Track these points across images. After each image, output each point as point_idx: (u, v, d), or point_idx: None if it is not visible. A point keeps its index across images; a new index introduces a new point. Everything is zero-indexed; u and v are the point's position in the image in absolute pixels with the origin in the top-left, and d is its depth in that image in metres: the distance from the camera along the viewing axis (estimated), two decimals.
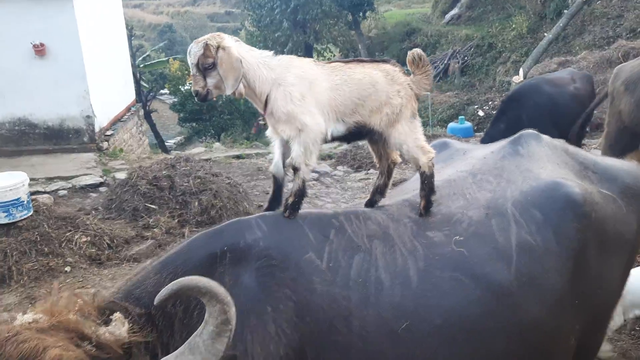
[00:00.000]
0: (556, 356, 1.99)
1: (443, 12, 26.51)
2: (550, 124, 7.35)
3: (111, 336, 1.48)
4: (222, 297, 1.39)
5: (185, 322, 1.65)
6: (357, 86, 1.87)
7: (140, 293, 1.68)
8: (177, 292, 1.38)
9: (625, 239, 2.19)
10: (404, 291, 1.76)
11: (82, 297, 1.59)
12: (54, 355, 1.26)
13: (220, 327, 1.38)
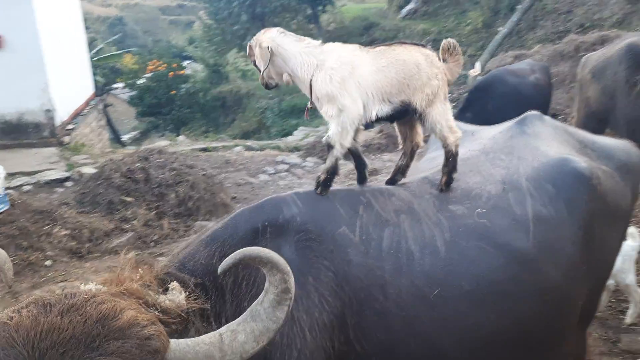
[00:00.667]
0: (569, 317, 2.17)
1: (399, 7, 26.90)
2: (514, 112, 7.66)
3: (171, 303, 1.55)
4: (282, 266, 1.44)
5: (235, 292, 1.74)
6: (402, 67, 1.98)
7: (193, 265, 1.75)
8: (240, 260, 1.44)
9: (623, 211, 2.39)
10: (434, 260, 1.88)
11: (143, 268, 1.64)
12: (130, 316, 1.30)
13: (280, 295, 1.44)
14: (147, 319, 1.34)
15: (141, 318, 1.33)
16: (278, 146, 13.93)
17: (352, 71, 1.97)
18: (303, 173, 10.40)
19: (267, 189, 9.21)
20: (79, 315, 1.26)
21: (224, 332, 1.40)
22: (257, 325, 1.42)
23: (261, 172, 10.41)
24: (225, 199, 7.54)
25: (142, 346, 1.27)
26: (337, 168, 2.04)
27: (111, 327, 1.26)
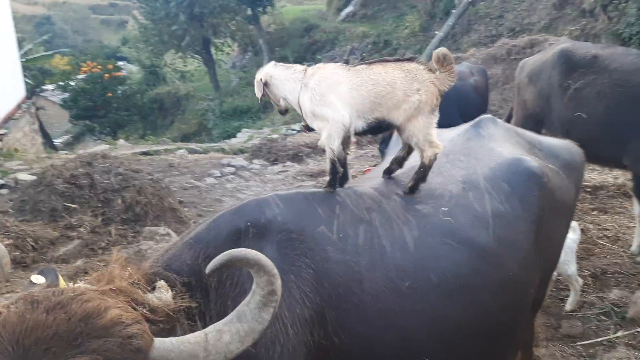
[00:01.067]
0: (525, 306, 2.34)
1: (338, 9, 27.27)
2: (457, 114, 8.04)
3: (159, 301, 1.57)
4: (269, 268, 1.48)
5: (219, 291, 1.78)
6: (375, 86, 2.08)
7: (179, 265, 1.78)
8: (227, 262, 1.48)
9: (568, 206, 2.61)
10: (404, 255, 1.99)
11: (131, 266, 1.67)
12: (114, 315, 1.32)
13: (267, 297, 1.47)
14: (132, 318, 1.36)
15: (126, 316, 1.34)
16: (222, 149, 13.81)
17: (331, 87, 2.10)
18: (250, 175, 10.37)
19: (214, 192, 9.13)
20: (64, 312, 1.28)
21: (210, 331, 1.42)
22: (242, 326, 1.45)
23: (207, 175, 10.29)
24: (173, 204, 7.41)
25: (125, 344, 1.29)
26: (336, 168, 2.17)
27: (94, 325, 1.28)
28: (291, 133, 15.44)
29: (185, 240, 1.89)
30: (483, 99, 8.45)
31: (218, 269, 1.50)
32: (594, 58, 4.77)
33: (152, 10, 23.40)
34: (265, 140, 13.34)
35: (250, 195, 8.94)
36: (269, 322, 1.47)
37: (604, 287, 4.44)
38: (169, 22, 23.14)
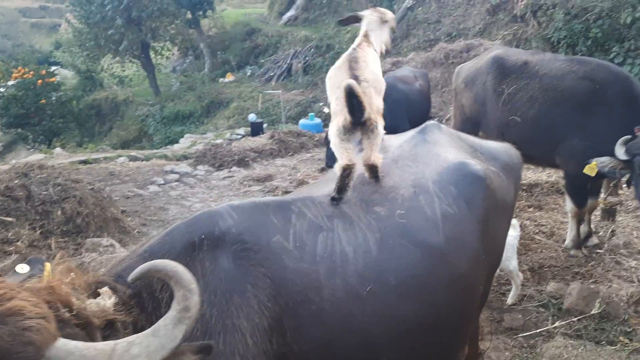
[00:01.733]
0: (474, 302, 2.46)
1: (280, 13, 27.28)
2: (405, 117, 8.27)
3: (96, 307, 1.54)
4: (185, 283, 1.45)
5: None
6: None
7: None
8: (147, 272, 1.50)
9: (508, 205, 2.75)
10: (367, 260, 2.04)
11: (75, 271, 1.64)
12: (14, 305, 1.31)
13: (181, 313, 1.44)
14: (37, 313, 1.34)
15: (29, 310, 1.32)
16: (165, 155, 13.51)
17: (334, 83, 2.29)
18: (195, 182, 10.22)
19: (158, 201, 8.95)
20: None
21: (121, 342, 1.40)
22: (153, 341, 1.41)
23: (150, 183, 10.06)
24: (116, 214, 7.22)
25: (16, 335, 1.28)
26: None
27: None
28: (236, 138, 15.32)
29: (139, 253, 1.87)
30: (427, 102, 8.74)
31: (138, 279, 1.53)
32: (524, 64, 5.04)
33: (87, 14, 22.55)
34: (209, 146, 13.18)
35: (195, 202, 8.83)
36: (181, 340, 1.43)
37: (542, 280, 4.70)
38: (105, 26, 22.38)
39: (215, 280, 1.82)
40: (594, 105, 4.56)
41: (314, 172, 10.18)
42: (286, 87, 20.41)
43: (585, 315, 4.01)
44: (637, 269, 4.68)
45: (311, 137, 12.86)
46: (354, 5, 22.40)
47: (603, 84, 4.57)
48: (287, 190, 9.01)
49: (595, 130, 4.51)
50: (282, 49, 23.35)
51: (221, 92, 21.70)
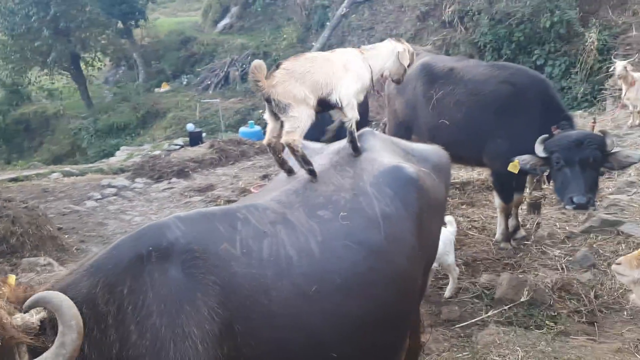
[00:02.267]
0: (413, 295, 2.64)
1: (214, 21, 27.13)
2: None
3: (22, 321, 1.56)
4: (66, 318, 1.51)
5: (120, 318, 1.80)
6: None
7: (74, 293, 1.76)
8: (35, 303, 1.58)
9: (440, 203, 2.96)
10: (310, 261, 2.16)
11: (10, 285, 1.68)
12: None
13: (58, 349, 1.48)
14: None
15: None
16: (101, 169, 13.17)
17: None
18: (134, 195, 10.02)
19: (96, 216, 8.73)
20: None
21: None
22: None
23: (86, 198, 9.79)
24: (52, 231, 7.00)
25: None
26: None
27: None
28: (174, 148, 15.12)
29: (85, 268, 1.88)
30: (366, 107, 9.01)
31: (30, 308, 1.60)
32: (450, 70, 5.34)
33: (11, 26, 21.55)
34: (147, 158, 12.95)
35: (135, 215, 8.68)
36: None
37: (475, 273, 4.99)
38: (31, 37, 21.49)
39: (164, 291, 1.87)
40: (515, 108, 4.89)
41: (256, 179, 10.23)
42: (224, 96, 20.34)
43: (515, 303, 4.28)
44: (561, 258, 5.05)
45: (252, 145, 12.88)
46: (289, 13, 22.66)
47: (522, 87, 4.91)
48: (230, 200, 9.01)
49: (516, 131, 4.83)
50: (218, 57, 23.23)
51: (157, 102, 21.33)
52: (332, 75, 2.68)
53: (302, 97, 2.58)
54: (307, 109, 2.60)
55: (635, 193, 6.20)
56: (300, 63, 2.64)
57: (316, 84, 2.63)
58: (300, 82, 2.59)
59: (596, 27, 14.85)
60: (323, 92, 2.66)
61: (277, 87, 2.54)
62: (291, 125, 2.56)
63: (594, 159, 4.20)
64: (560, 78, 15.25)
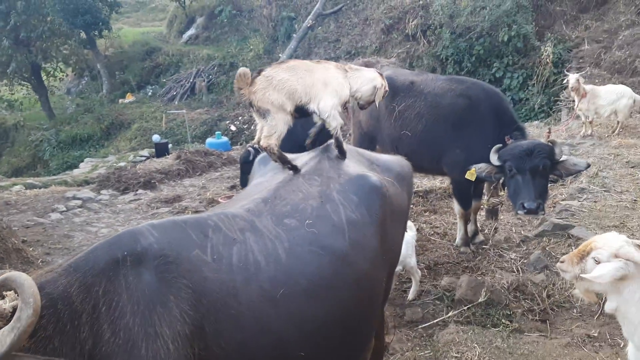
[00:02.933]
0: (377, 298, 2.80)
1: (179, 32, 27.08)
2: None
3: None
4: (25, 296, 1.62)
5: (95, 316, 1.90)
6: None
7: (51, 290, 1.87)
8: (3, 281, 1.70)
9: (403, 211, 3.16)
10: (277, 266, 2.29)
11: None
12: None
13: (15, 322, 1.59)
14: None
15: None
16: (65, 181, 12.98)
17: None
18: (100, 207, 9.96)
19: (61, 228, 8.65)
20: None
21: None
22: None
23: (51, 210, 9.66)
24: (17, 244, 6.92)
25: None
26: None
27: None
28: (140, 160, 15.03)
29: (63, 268, 1.97)
30: None
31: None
32: (411, 84, 5.59)
33: None
34: (112, 169, 12.86)
35: (101, 227, 8.65)
36: (9, 346, 1.57)
37: (437, 276, 5.23)
38: None
39: (138, 293, 1.96)
40: (471, 119, 5.17)
41: (224, 190, 10.30)
42: (190, 106, 20.29)
43: (473, 303, 4.52)
44: (516, 260, 5.34)
45: (219, 155, 12.91)
46: (255, 24, 22.83)
47: (477, 100, 5.20)
48: (197, 210, 9.07)
49: (472, 141, 5.11)
50: (184, 67, 23.18)
51: (121, 113, 21.11)
52: (311, 87, 2.85)
53: (279, 104, 2.77)
54: (284, 116, 2.81)
55: (585, 199, 6.58)
56: (281, 71, 2.82)
57: (294, 92, 2.81)
58: (279, 89, 2.77)
59: (551, 41, 15.56)
60: (301, 101, 2.84)
61: (257, 93, 2.74)
62: (269, 131, 2.79)
63: (544, 167, 4.49)
64: (518, 90, 15.88)
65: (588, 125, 10.64)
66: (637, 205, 6.15)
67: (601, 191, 6.77)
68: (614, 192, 6.67)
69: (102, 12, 23.13)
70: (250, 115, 18.45)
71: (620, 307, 2.63)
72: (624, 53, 14.02)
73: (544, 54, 15.30)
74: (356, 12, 20.23)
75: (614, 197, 6.48)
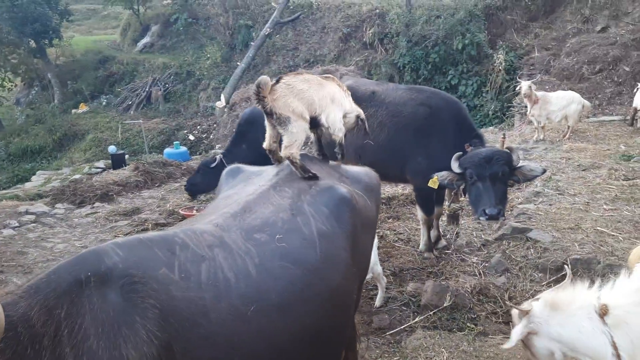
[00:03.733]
0: (349, 309, 2.81)
1: (134, 40, 26.56)
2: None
3: None
4: None
5: (57, 339, 1.83)
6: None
7: (10, 312, 1.80)
8: None
9: (372, 222, 3.19)
10: (248, 283, 2.26)
11: None
12: None
13: None
14: None
15: None
16: (16, 195, 12.47)
17: None
18: (55, 221, 9.62)
19: (14, 245, 8.31)
20: None
21: None
22: None
23: (2, 226, 9.28)
24: None
25: None
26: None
27: None
28: (96, 171, 14.60)
29: (24, 289, 1.90)
30: None
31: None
32: (372, 93, 5.67)
33: None
34: (67, 182, 12.44)
35: (57, 242, 8.37)
36: None
37: (403, 282, 5.30)
38: None
39: (102, 315, 1.91)
40: (431, 128, 5.29)
41: (184, 201, 10.14)
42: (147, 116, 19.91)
43: (439, 308, 4.61)
44: (478, 264, 5.48)
45: (178, 166, 12.69)
46: (212, 32, 22.63)
47: (437, 109, 5.33)
48: (158, 222, 8.89)
49: (434, 149, 5.23)
50: (139, 76, 22.75)
51: (75, 123, 20.52)
52: (322, 100, 3.03)
53: (299, 112, 2.88)
54: (304, 124, 2.92)
55: (541, 202, 6.83)
56: (299, 81, 2.94)
57: (312, 103, 2.97)
58: (299, 98, 2.89)
59: (503, 49, 16.10)
60: (315, 112, 3.01)
61: (278, 100, 2.82)
62: (289, 140, 2.86)
63: (502, 173, 4.64)
64: (473, 96, 16.34)
65: (540, 130, 11.04)
66: (590, 207, 6.42)
67: (555, 194, 7.04)
68: (567, 195, 6.94)
69: (52, 20, 22.45)
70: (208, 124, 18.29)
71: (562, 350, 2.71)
72: (572, 60, 14.65)
73: (497, 62, 15.81)
74: (314, 20, 20.38)
75: (568, 200, 6.75)
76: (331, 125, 3.09)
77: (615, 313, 2.57)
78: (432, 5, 17.65)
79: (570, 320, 2.64)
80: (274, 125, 2.91)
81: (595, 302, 2.61)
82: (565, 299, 2.70)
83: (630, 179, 7.46)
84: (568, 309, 2.65)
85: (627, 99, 13.13)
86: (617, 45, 14.36)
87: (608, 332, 2.54)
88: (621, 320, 2.55)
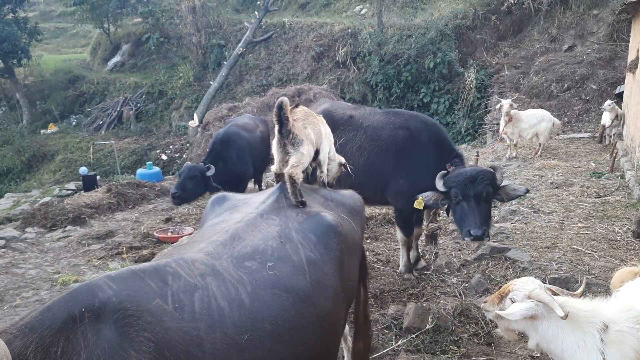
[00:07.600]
0: (338, 334, 2.82)
1: (104, 59, 26.28)
2: (249, 163, 8.71)
3: None
4: None
5: None
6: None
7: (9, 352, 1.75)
8: None
9: (357, 245, 3.20)
10: (241, 311, 2.26)
11: None
12: None
13: None
14: None
15: None
16: None
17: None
18: (26, 246, 9.36)
19: None
20: None
21: None
22: None
23: None
24: None
25: None
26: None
27: None
28: (67, 193, 14.32)
29: (18, 328, 1.87)
30: (268, 148, 9.28)
31: None
32: (350, 118, 5.69)
33: None
34: (37, 205, 12.13)
35: (29, 268, 8.15)
36: None
37: (384, 305, 5.27)
38: None
39: (98, 351, 1.87)
40: (412, 150, 5.34)
41: (158, 223, 9.99)
42: (118, 136, 19.66)
43: (421, 331, 4.59)
44: (458, 284, 5.50)
45: (152, 187, 12.51)
46: (184, 51, 22.54)
47: (416, 131, 5.38)
48: (132, 246, 8.73)
49: (415, 170, 5.28)
50: (110, 96, 22.49)
51: (44, 144, 20.11)
52: (320, 135, 3.27)
53: (312, 139, 3.10)
54: (312, 149, 3.12)
55: (517, 221, 6.94)
56: (310, 113, 3.20)
57: (320, 136, 3.24)
58: (313, 127, 3.15)
59: (474, 67, 16.48)
60: (317, 144, 3.22)
61: (298, 122, 3.00)
62: (297, 160, 2.97)
63: (487, 193, 4.67)
64: (445, 114, 16.64)
65: (513, 148, 11.28)
66: (565, 225, 6.56)
67: (531, 212, 7.16)
68: (542, 213, 7.08)
69: (21, 40, 22.06)
70: (181, 144, 18.12)
71: (540, 343, 2.92)
72: (541, 78, 15.07)
73: (468, 80, 16.17)
74: (286, 39, 20.51)
75: (543, 218, 6.88)
76: (322, 160, 3.29)
77: (614, 330, 2.72)
78: (403, 25, 17.98)
79: (575, 332, 2.78)
80: (285, 145, 2.99)
81: (602, 319, 2.76)
82: (577, 309, 2.82)
83: (601, 196, 7.66)
84: (577, 320, 2.79)
85: (594, 116, 13.54)
86: (583, 63, 14.84)
87: (602, 350, 2.69)
88: (617, 339, 2.70)
